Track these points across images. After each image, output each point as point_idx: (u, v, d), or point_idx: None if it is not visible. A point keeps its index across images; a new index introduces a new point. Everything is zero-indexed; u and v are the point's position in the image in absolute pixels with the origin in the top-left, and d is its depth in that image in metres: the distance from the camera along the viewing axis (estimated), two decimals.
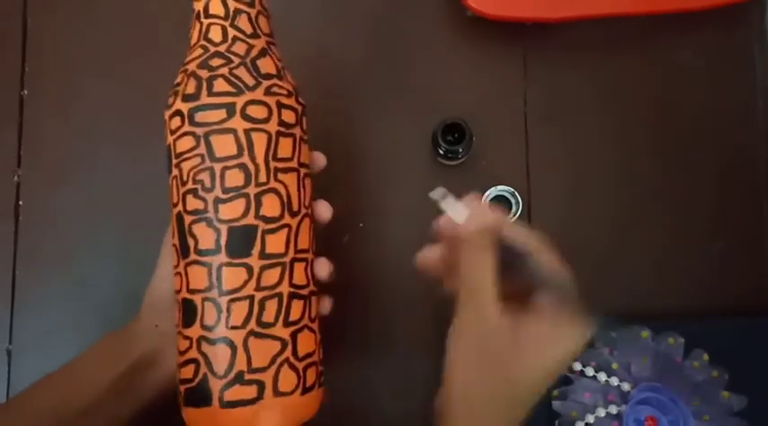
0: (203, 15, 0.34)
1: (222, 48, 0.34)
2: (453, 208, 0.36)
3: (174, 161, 0.34)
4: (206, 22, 0.34)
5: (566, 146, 0.50)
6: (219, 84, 0.33)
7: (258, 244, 0.32)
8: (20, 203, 0.49)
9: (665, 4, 0.48)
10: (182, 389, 0.33)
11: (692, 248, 0.50)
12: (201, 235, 0.32)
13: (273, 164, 0.33)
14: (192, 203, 0.33)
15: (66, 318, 0.48)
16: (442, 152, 0.48)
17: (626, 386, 0.44)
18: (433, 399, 0.41)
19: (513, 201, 0.49)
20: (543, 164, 0.50)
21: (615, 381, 0.44)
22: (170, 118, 0.34)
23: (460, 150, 0.47)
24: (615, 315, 0.48)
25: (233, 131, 0.32)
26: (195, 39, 0.35)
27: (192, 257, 0.33)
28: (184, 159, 0.33)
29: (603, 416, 0.43)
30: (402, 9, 0.51)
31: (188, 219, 0.33)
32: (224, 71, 0.33)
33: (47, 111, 0.50)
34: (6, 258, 0.49)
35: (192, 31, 0.35)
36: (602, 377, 0.44)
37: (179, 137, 0.33)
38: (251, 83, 0.33)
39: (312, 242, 0.36)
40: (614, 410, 0.43)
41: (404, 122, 0.50)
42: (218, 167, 0.32)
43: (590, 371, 0.44)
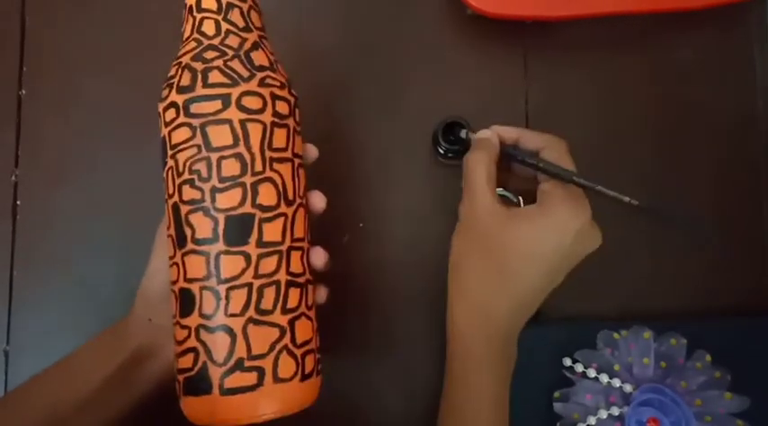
0: (196, 10, 0.35)
1: (216, 41, 0.34)
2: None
3: (170, 152, 0.34)
4: (198, 16, 0.35)
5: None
6: (214, 76, 0.33)
7: (255, 232, 0.33)
8: (18, 203, 0.49)
9: (665, 4, 0.48)
10: (180, 378, 0.33)
11: (692, 248, 0.50)
12: (198, 225, 0.33)
13: (269, 153, 0.34)
14: (189, 193, 0.33)
15: (65, 318, 0.48)
16: (442, 152, 0.48)
17: (628, 387, 0.43)
18: (433, 399, 0.41)
19: (515, 200, 0.48)
20: None
21: (617, 382, 0.43)
22: (164, 110, 0.34)
23: (461, 150, 0.47)
24: (615, 315, 0.49)
25: (228, 122, 0.33)
26: (188, 33, 0.35)
27: (190, 246, 0.33)
28: (180, 150, 0.33)
29: (605, 418, 0.43)
30: (402, 8, 0.51)
31: (184, 209, 0.33)
32: (218, 63, 0.33)
33: (45, 111, 0.50)
34: (4, 258, 0.48)
35: (185, 25, 0.36)
36: (603, 378, 0.44)
37: (174, 128, 0.34)
38: (245, 74, 0.34)
39: (307, 231, 0.36)
40: (616, 411, 0.43)
41: (404, 122, 0.50)
42: (214, 157, 0.33)
43: (592, 373, 0.44)
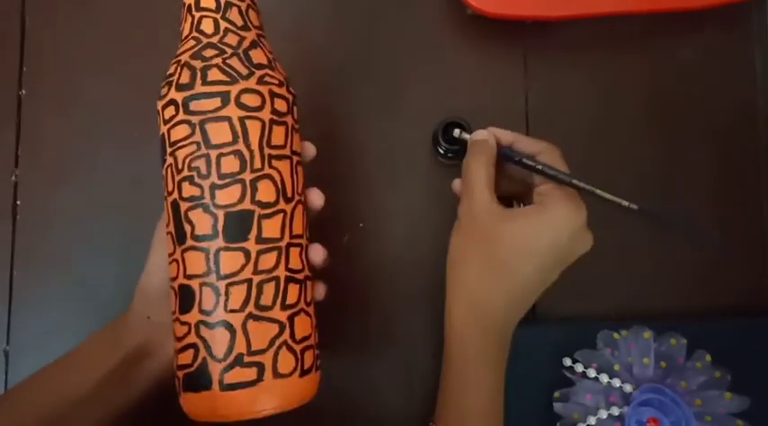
0: (194, 8, 0.35)
1: (214, 40, 0.34)
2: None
3: (169, 149, 0.34)
4: (197, 15, 0.35)
5: (566, 144, 0.50)
6: (213, 74, 0.33)
7: (255, 228, 0.33)
8: (18, 203, 0.49)
9: (665, 4, 0.48)
10: (180, 375, 0.33)
11: (692, 248, 0.50)
12: (198, 221, 0.33)
13: (267, 150, 0.34)
14: (188, 190, 0.33)
15: (65, 318, 0.48)
16: (442, 152, 0.48)
17: (628, 387, 0.43)
18: (432, 395, 0.41)
19: (515, 201, 0.48)
20: None
21: (617, 382, 0.43)
22: (163, 108, 0.34)
23: (461, 149, 0.47)
24: (615, 315, 0.49)
25: (228, 119, 0.33)
26: (187, 32, 0.35)
27: (189, 243, 0.33)
28: (179, 147, 0.33)
29: (605, 418, 0.43)
30: (402, 7, 0.51)
31: (184, 206, 0.33)
32: (217, 61, 0.34)
33: (45, 111, 0.50)
34: (4, 258, 0.48)
35: (184, 24, 0.36)
36: (603, 378, 0.44)
37: (173, 125, 0.34)
38: (244, 72, 0.34)
39: (306, 228, 0.36)
40: (616, 411, 0.43)
41: (404, 122, 0.50)
42: (213, 154, 0.33)
43: (592, 373, 0.44)
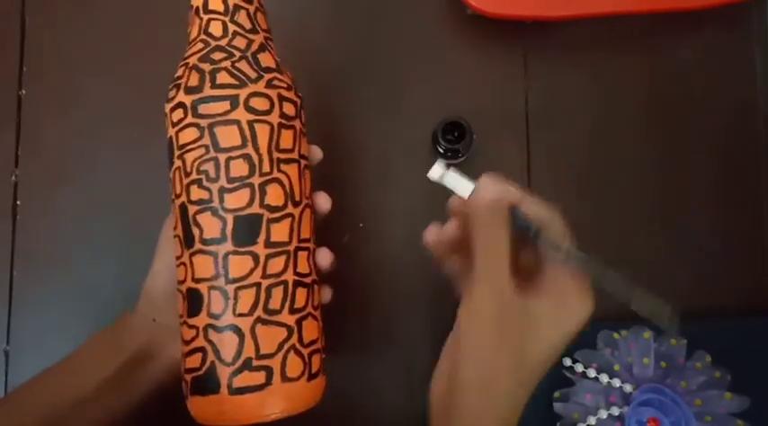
0: (203, 11, 0.35)
1: (223, 43, 0.34)
2: (458, 184, 0.35)
3: (177, 152, 0.34)
4: (206, 18, 0.35)
5: (566, 144, 0.50)
6: (222, 77, 0.33)
7: (263, 232, 0.33)
8: (18, 203, 0.49)
9: (665, 4, 0.48)
10: (188, 378, 0.33)
11: (691, 248, 0.50)
12: (207, 225, 0.33)
13: (276, 154, 0.34)
14: (197, 193, 0.33)
15: (65, 318, 0.48)
16: (442, 151, 0.48)
17: (628, 387, 0.43)
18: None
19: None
20: (544, 163, 0.50)
21: (617, 382, 0.43)
22: (171, 110, 0.34)
23: (461, 149, 0.47)
24: (615, 315, 0.49)
25: (237, 122, 0.33)
26: (195, 34, 0.35)
27: (198, 246, 0.33)
28: (188, 150, 0.33)
29: (605, 418, 0.43)
30: (402, 7, 0.51)
31: (192, 209, 0.33)
32: (226, 64, 0.34)
33: (45, 111, 0.50)
34: (4, 258, 0.48)
35: (191, 27, 0.36)
36: (603, 378, 0.44)
37: (182, 128, 0.33)
38: (253, 76, 0.34)
39: (313, 232, 0.36)
40: (616, 411, 0.43)
41: (404, 122, 0.50)
42: (222, 157, 0.33)
43: (592, 373, 0.44)
